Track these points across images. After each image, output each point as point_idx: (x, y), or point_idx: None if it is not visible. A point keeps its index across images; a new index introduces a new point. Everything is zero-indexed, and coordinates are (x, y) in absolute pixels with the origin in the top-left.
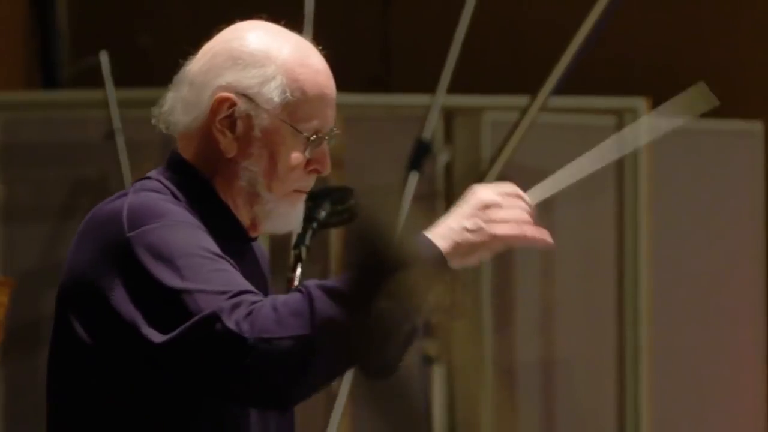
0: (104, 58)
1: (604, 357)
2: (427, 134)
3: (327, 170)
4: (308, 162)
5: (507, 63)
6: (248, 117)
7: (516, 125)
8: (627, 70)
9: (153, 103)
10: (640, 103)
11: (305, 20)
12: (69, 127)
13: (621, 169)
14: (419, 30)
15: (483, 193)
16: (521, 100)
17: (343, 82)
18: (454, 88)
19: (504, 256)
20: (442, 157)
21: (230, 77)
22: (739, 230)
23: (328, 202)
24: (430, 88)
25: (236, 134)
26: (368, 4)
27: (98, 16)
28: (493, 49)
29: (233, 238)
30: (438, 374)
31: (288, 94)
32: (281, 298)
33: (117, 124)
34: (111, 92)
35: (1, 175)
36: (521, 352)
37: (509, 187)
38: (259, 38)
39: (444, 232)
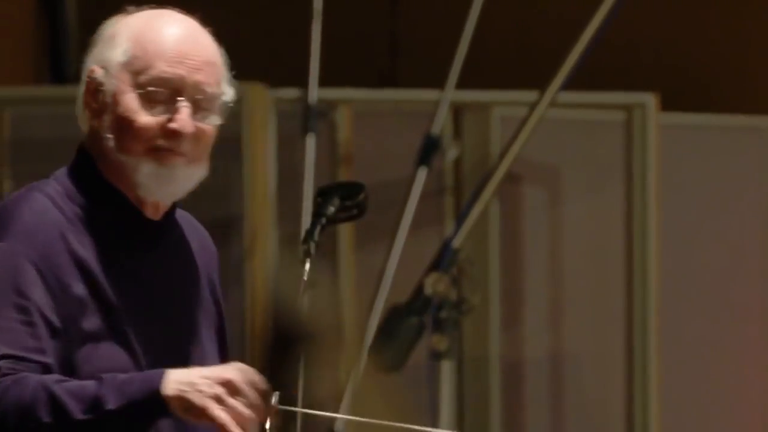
0: None
1: (613, 352)
2: (435, 130)
3: (185, 129)
4: (166, 121)
5: (516, 58)
6: (101, 84)
7: (525, 121)
8: (636, 65)
9: None
10: (648, 98)
11: (314, 16)
12: (76, 123)
13: (630, 165)
14: (427, 25)
15: (235, 372)
16: (530, 95)
17: (351, 78)
18: (462, 84)
19: (512, 252)
20: (451, 153)
21: (94, 55)
22: (748, 225)
23: (337, 197)
24: (438, 83)
25: (98, 105)
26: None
27: (106, 11)
28: (502, 45)
29: (134, 229)
30: (447, 369)
31: (130, 55)
32: (24, 381)
33: None
34: None
35: (9, 169)
36: (530, 348)
37: (259, 382)
38: (125, 18)
39: (181, 377)
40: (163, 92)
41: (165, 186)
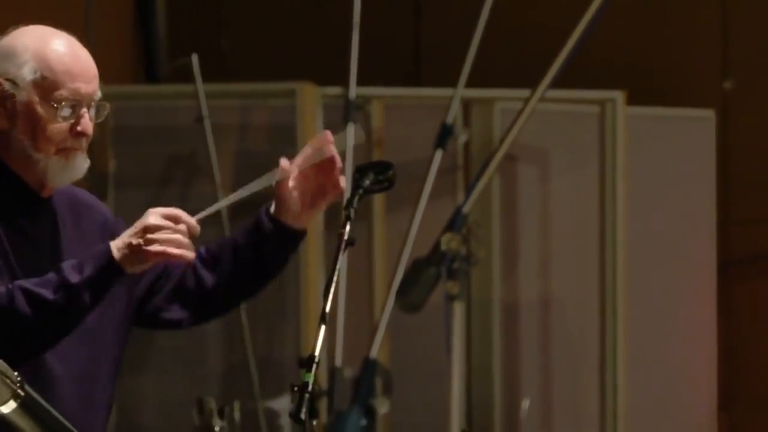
0: (195, 59)
1: (590, 296)
2: (449, 119)
3: (88, 132)
4: (72, 126)
5: (514, 62)
6: (12, 95)
7: (520, 113)
8: (608, 67)
9: (232, 94)
10: (617, 95)
11: (353, 27)
12: (166, 114)
13: (603, 148)
14: (445, 34)
15: (150, 217)
16: (525, 92)
17: (383, 77)
18: (471, 83)
19: (510, 217)
20: (462, 138)
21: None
22: (697, 194)
23: (371, 173)
24: (453, 82)
25: (7, 111)
26: (402, 14)
27: (189, 23)
28: (503, 51)
29: (32, 205)
30: (458, 309)
31: (39, 75)
32: None
33: (204, 111)
34: (200, 86)
35: (112, 151)
36: (524, 293)
37: (174, 212)
38: (23, 35)
39: (119, 243)
40: (70, 104)
41: (68, 175)
